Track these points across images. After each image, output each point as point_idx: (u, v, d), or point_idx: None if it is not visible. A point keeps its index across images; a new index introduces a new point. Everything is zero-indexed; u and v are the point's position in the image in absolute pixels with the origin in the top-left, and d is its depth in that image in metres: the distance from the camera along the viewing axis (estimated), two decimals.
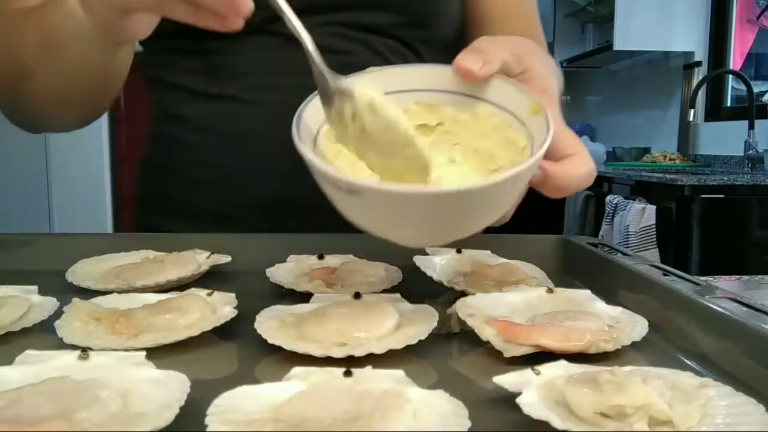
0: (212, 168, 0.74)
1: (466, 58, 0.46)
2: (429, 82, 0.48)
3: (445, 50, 0.79)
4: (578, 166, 0.46)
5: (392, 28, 0.72)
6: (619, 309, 0.47)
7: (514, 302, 0.48)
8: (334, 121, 0.44)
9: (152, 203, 0.80)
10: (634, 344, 0.42)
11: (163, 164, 0.78)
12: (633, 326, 0.44)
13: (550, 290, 0.49)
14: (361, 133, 0.43)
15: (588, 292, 0.49)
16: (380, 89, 0.43)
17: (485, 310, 0.45)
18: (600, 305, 0.47)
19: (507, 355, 0.40)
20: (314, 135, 0.45)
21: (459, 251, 0.61)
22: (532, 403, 0.31)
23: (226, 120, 0.73)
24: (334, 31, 0.70)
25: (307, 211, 0.69)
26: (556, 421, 0.30)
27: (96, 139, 3.00)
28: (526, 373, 0.35)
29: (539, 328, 0.42)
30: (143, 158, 0.82)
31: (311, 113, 0.45)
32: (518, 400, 0.31)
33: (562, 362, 0.36)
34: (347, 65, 0.69)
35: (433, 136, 0.49)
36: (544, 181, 0.45)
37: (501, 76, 0.47)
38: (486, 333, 0.42)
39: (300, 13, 0.70)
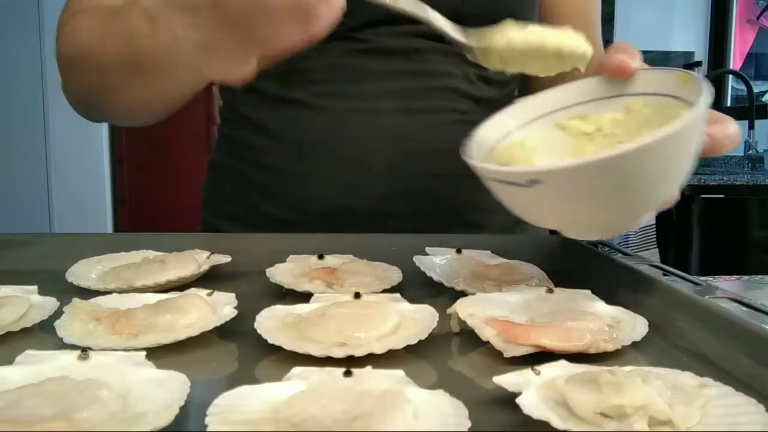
0: (278, 173, 0.74)
1: (614, 57, 0.49)
2: (572, 97, 0.52)
3: None
4: (730, 125, 0.49)
5: None
6: (620, 309, 0.47)
7: (514, 302, 0.48)
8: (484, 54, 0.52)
9: (219, 206, 0.80)
10: (634, 344, 0.42)
11: (230, 167, 0.78)
12: (633, 326, 0.44)
13: (550, 290, 0.49)
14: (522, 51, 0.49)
15: (588, 292, 0.49)
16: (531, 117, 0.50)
17: (485, 310, 0.45)
18: (600, 305, 0.47)
19: (507, 355, 0.40)
20: (487, 152, 0.50)
21: (459, 251, 0.61)
22: (531, 404, 0.31)
23: (294, 125, 0.73)
24: (407, 40, 0.70)
25: (368, 221, 0.70)
26: (556, 421, 0.30)
27: (96, 139, 3.00)
28: (527, 373, 0.35)
29: (539, 328, 0.42)
30: (211, 160, 0.82)
31: (485, 133, 0.50)
32: (518, 400, 0.31)
33: (562, 362, 0.36)
34: (419, 72, 0.70)
35: (596, 142, 0.51)
36: (712, 145, 0.47)
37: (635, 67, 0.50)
38: (486, 333, 0.42)
39: (375, 24, 0.71)
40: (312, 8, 0.45)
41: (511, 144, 0.51)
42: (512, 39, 0.51)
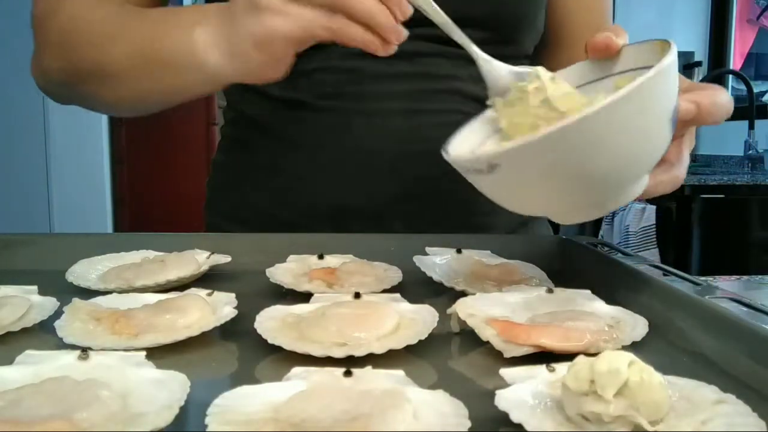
0: (282, 174, 0.74)
1: (600, 36, 0.49)
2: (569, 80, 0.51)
3: (525, 62, 0.80)
4: (719, 93, 0.49)
5: (477, 45, 0.72)
6: (620, 309, 0.47)
7: (514, 302, 0.48)
8: (512, 103, 0.49)
9: (222, 206, 0.80)
10: (634, 344, 0.42)
11: (233, 168, 0.78)
12: (633, 326, 0.44)
13: (550, 290, 0.49)
14: (541, 103, 0.46)
15: (588, 292, 0.49)
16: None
17: (485, 310, 0.45)
18: (600, 305, 0.47)
19: (507, 355, 0.40)
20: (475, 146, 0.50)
21: (459, 251, 0.61)
22: (507, 398, 0.32)
23: (298, 127, 0.73)
24: (411, 43, 0.71)
25: (371, 221, 0.70)
26: (516, 416, 0.30)
27: (96, 139, 3.00)
28: (535, 369, 0.35)
29: (539, 328, 0.42)
30: (214, 160, 0.82)
31: (473, 129, 0.51)
32: (497, 392, 0.32)
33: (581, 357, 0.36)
34: (423, 74, 0.70)
35: None
36: (698, 111, 0.47)
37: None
38: (486, 333, 0.42)
39: None
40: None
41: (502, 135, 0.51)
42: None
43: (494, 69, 0.50)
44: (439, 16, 0.51)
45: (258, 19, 0.50)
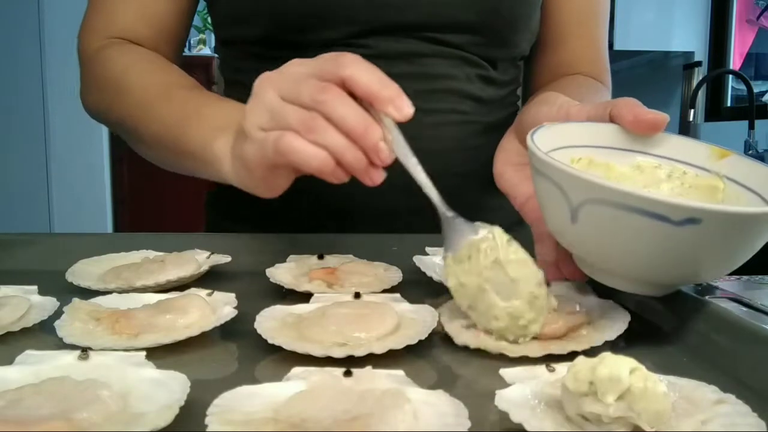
0: None
1: (649, 113, 0.48)
2: (588, 138, 0.49)
3: (521, 63, 0.80)
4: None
5: (473, 46, 0.72)
6: (609, 302, 0.47)
7: None
8: (461, 259, 0.45)
9: (224, 205, 0.81)
10: (633, 345, 0.42)
11: None
12: (616, 319, 0.45)
13: (548, 284, 0.49)
14: (492, 264, 0.44)
15: (583, 284, 0.50)
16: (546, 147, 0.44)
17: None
18: (590, 298, 0.48)
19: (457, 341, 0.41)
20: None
21: None
22: (508, 398, 0.32)
23: None
24: (408, 44, 0.70)
25: (372, 221, 0.70)
26: (516, 415, 0.30)
27: (96, 139, 3.00)
28: (535, 369, 0.35)
29: None
30: None
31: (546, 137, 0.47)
32: (497, 392, 0.32)
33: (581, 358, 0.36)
34: (421, 74, 0.70)
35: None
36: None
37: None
38: (462, 338, 0.43)
39: (378, 32, 0.71)
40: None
41: (591, 162, 0.49)
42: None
43: (456, 224, 0.46)
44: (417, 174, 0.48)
45: (241, 144, 0.51)
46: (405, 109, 0.46)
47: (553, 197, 0.41)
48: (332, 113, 0.45)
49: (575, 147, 0.48)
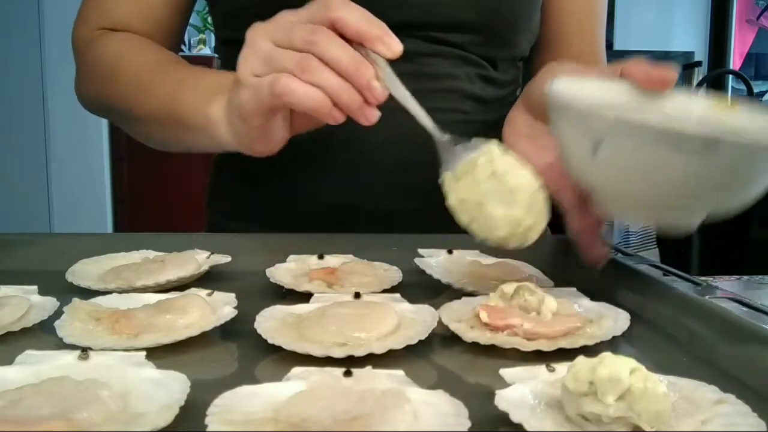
0: (284, 173, 0.73)
1: (656, 68, 0.49)
2: (600, 94, 0.49)
3: (521, 63, 0.80)
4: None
5: (473, 46, 0.72)
6: (603, 304, 0.47)
7: None
8: (460, 176, 0.47)
9: (224, 204, 0.81)
10: (633, 345, 0.42)
11: (235, 166, 0.78)
12: (615, 320, 0.45)
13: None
14: (489, 177, 0.45)
15: (573, 289, 0.50)
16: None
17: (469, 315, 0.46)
18: (584, 301, 0.48)
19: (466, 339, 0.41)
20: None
21: (450, 252, 0.61)
22: (507, 399, 0.32)
23: None
24: (409, 43, 0.71)
25: (373, 221, 0.70)
26: (516, 415, 0.30)
27: (96, 139, 3.00)
28: (535, 369, 0.35)
29: (516, 313, 0.44)
30: (216, 158, 0.83)
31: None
32: (497, 392, 0.32)
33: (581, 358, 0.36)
34: (422, 74, 0.70)
35: None
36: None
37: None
38: (470, 336, 0.43)
39: None
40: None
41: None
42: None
43: (452, 146, 0.48)
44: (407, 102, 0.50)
45: (236, 92, 0.52)
46: (394, 45, 0.48)
47: (575, 135, 0.42)
48: (325, 54, 0.46)
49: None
